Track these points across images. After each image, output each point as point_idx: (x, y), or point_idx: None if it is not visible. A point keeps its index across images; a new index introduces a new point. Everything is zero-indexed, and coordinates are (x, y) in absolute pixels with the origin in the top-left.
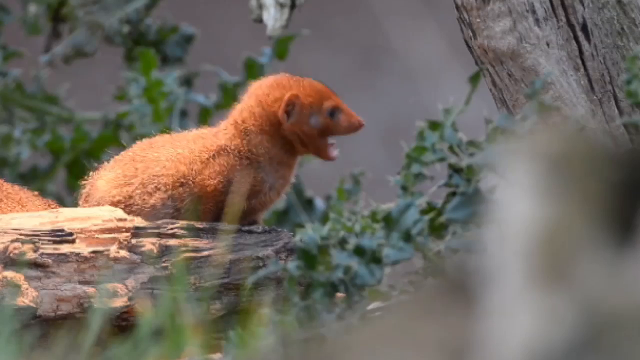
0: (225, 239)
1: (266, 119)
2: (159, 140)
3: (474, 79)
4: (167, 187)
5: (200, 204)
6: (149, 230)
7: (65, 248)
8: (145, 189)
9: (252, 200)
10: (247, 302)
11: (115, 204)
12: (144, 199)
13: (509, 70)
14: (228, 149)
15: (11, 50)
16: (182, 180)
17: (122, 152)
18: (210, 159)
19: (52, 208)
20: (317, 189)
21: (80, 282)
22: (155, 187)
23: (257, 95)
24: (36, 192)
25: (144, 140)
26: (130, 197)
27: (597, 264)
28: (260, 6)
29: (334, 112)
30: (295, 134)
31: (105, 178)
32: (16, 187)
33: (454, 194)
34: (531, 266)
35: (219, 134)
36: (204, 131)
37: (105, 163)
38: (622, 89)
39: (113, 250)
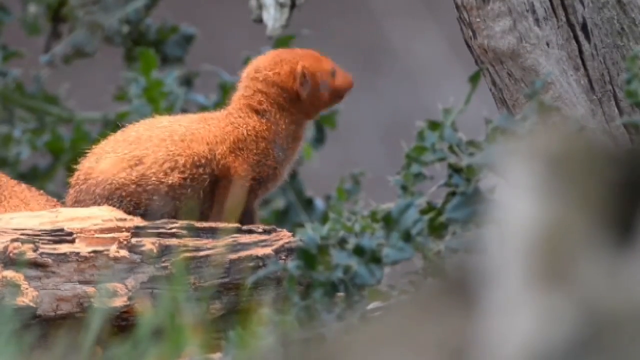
0: (225, 239)
1: (284, 96)
2: (161, 119)
3: (474, 79)
4: (186, 167)
5: (219, 189)
6: (149, 230)
7: (65, 248)
8: (161, 168)
9: (269, 184)
10: (247, 302)
11: (124, 185)
12: (160, 178)
13: (509, 70)
14: (246, 132)
15: (11, 50)
16: (202, 160)
17: (120, 132)
18: (231, 143)
19: (56, 206)
20: (317, 189)
21: (80, 282)
22: (173, 166)
23: (264, 76)
24: (41, 191)
25: (142, 121)
26: (144, 175)
27: (597, 264)
28: (260, 6)
29: (333, 72)
30: (311, 104)
31: (108, 160)
32: (23, 185)
33: (453, 193)
34: (531, 266)
35: (231, 117)
36: (207, 114)
37: (100, 144)
38: (622, 88)
39: (113, 250)
